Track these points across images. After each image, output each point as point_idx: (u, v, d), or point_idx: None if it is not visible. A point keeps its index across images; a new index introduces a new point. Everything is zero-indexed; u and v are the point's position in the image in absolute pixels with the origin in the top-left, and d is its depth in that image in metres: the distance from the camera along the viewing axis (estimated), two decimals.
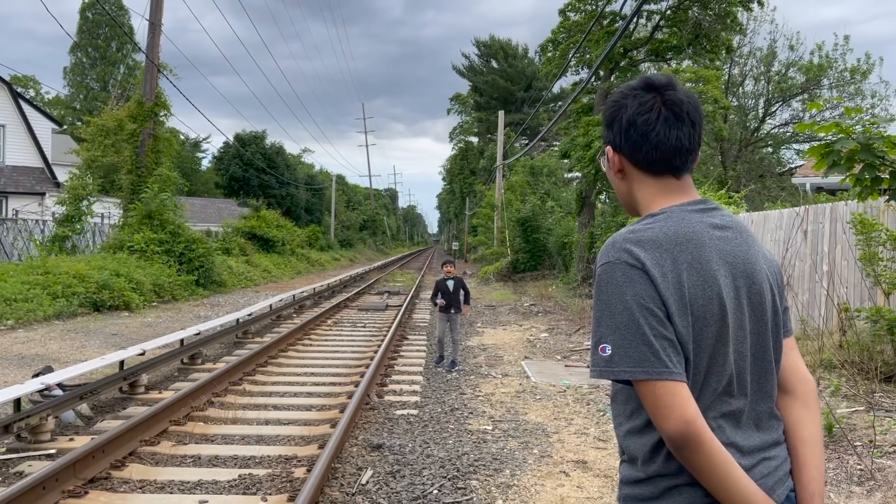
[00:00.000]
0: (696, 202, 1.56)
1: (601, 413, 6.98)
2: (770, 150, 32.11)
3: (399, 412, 6.98)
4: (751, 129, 31.08)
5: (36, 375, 6.87)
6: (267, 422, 6.65)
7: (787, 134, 31.27)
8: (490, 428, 6.43)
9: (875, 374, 6.63)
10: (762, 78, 30.89)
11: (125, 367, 7.80)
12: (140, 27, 61.96)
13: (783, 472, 1.51)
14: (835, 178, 15.51)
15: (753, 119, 31.34)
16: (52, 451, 5.54)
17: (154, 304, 17.22)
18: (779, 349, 1.57)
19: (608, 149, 1.63)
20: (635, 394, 1.48)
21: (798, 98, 30.39)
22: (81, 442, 5.66)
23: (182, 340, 9.72)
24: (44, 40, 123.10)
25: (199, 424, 6.39)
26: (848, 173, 4.63)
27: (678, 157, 1.55)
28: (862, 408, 6.18)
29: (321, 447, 5.62)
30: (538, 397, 7.76)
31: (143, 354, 8.22)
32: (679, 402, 1.36)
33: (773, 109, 31.11)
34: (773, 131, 31.81)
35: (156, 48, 22.17)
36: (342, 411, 6.76)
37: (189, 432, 6.17)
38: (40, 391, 6.35)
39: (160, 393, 7.67)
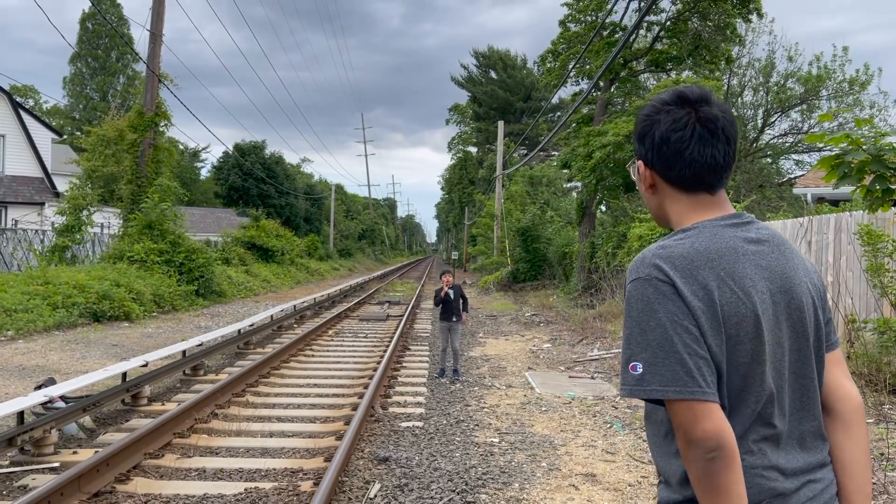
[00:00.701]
0: (730, 216, 1.52)
1: (608, 425, 6.94)
2: (769, 160, 32.15)
3: (404, 424, 6.93)
4: (750, 139, 31.13)
5: (38, 387, 6.82)
6: (271, 434, 6.60)
7: (787, 144, 31.35)
8: (497, 440, 6.38)
9: (883, 386, 6.59)
10: (761, 88, 30.97)
11: (128, 379, 7.75)
12: (140, 37, 62.09)
13: (829, 494, 1.47)
14: (838, 189, 15.53)
15: (752, 129, 31.40)
16: (56, 465, 5.48)
17: (154, 314, 17.16)
18: (821, 364, 1.53)
19: (639, 163, 1.60)
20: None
21: (797, 109, 30.48)
22: (85, 455, 5.60)
23: (184, 351, 9.67)
24: (43, 50, 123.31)
25: (203, 437, 6.34)
26: (858, 185, 4.61)
27: (712, 175, 1.52)
28: (871, 420, 6.14)
29: (328, 460, 5.57)
30: (544, 409, 7.71)
31: (146, 366, 8.17)
32: (713, 419, 1.32)
33: (772, 120, 31.18)
34: (772, 142, 31.88)
35: (156, 58, 22.22)
36: (347, 423, 6.71)
37: (193, 445, 6.12)
38: (43, 404, 6.30)
39: (163, 405, 7.62)
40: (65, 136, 43.04)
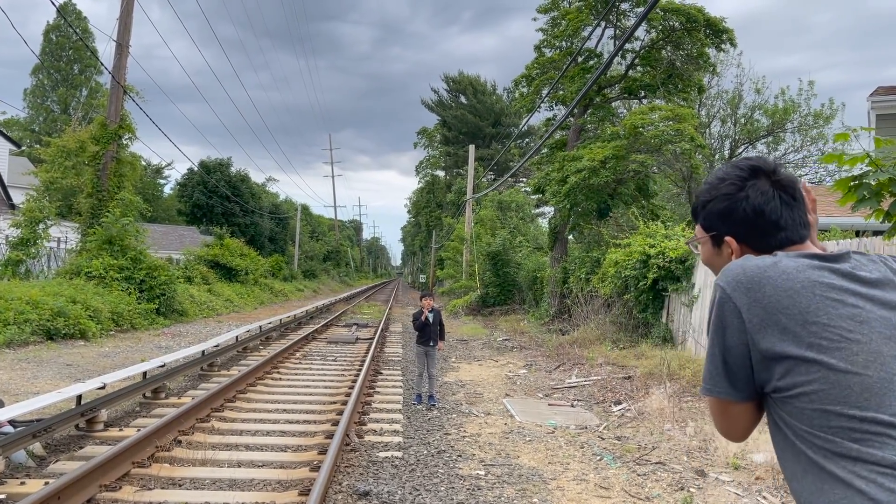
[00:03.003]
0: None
1: (598, 457, 6.60)
2: None
3: (382, 454, 6.51)
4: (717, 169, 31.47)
5: None
6: (240, 464, 6.13)
7: None
8: (482, 473, 6.00)
9: None
10: (728, 120, 31.41)
11: (83, 402, 7.20)
12: (105, 52, 60.92)
13: None
14: (821, 220, 15.43)
15: (720, 160, 31.78)
16: (2, 497, 4.95)
17: (112, 332, 16.43)
18: None
19: (730, 240, 1.58)
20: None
21: (763, 140, 30.95)
22: (34, 487, 5.08)
23: (145, 373, 9.11)
24: (5, 62, 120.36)
25: (164, 466, 5.84)
26: (876, 208, 4.39)
27: (799, 232, 1.54)
28: None
29: (303, 494, 5.14)
30: (528, 439, 7.35)
31: (103, 388, 7.61)
32: None
33: (740, 151, 31.60)
34: None
35: (122, 69, 21.62)
36: (322, 453, 6.28)
37: (154, 475, 5.62)
38: None
39: (121, 430, 7.07)
40: (23, 148, 41.76)
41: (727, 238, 1.59)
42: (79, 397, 7.20)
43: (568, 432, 7.74)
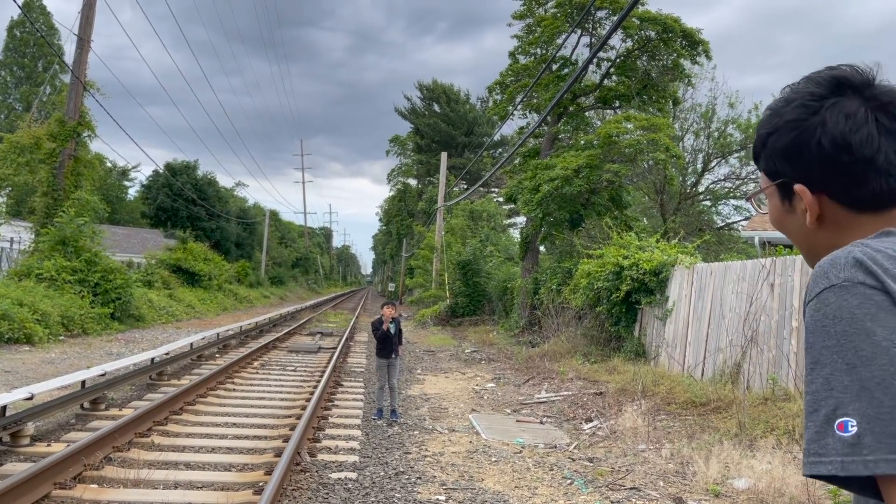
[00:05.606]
0: None
1: (567, 481, 6.13)
2: (708, 204, 32.60)
3: (335, 475, 5.98)
4: (690, 183, 31.46)
5: None
6: (177, 485, 5.56)
7: (725, 189, 31.81)
8: (443, 498, 5.49)
9: None
10: (702, 133, 31.41)
11: (7, 414, 6.55)
12: (71, 50, 59.78)
13: None
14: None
15: (692, 173, 31.77)
16: None
17: (61, 337, 15.62)
18: None
19: (800, 189, 1.10)
20: None
21: (736, 155, 31.00)
22: None
23: (84, 382, 8.45)
24: None
25: (90, 488, 5.25)
26: None
27: None
28: None
29: None
30: (493, 459, 6.86)
31: (31, 399, 6.96)
32: None
33: (712, 165, 31.62)
34: (711, 186, 32.30)
35: (83, 65, 20.86)
36: (268, 473, 5.74)
37: (77, 498, 5.04)
38: None
39: (49, 446, 6.44)
40: None
41: (797, 187, 1.11)
42: (3, 408, 6.56)
43: (536, 452, 7.27)
